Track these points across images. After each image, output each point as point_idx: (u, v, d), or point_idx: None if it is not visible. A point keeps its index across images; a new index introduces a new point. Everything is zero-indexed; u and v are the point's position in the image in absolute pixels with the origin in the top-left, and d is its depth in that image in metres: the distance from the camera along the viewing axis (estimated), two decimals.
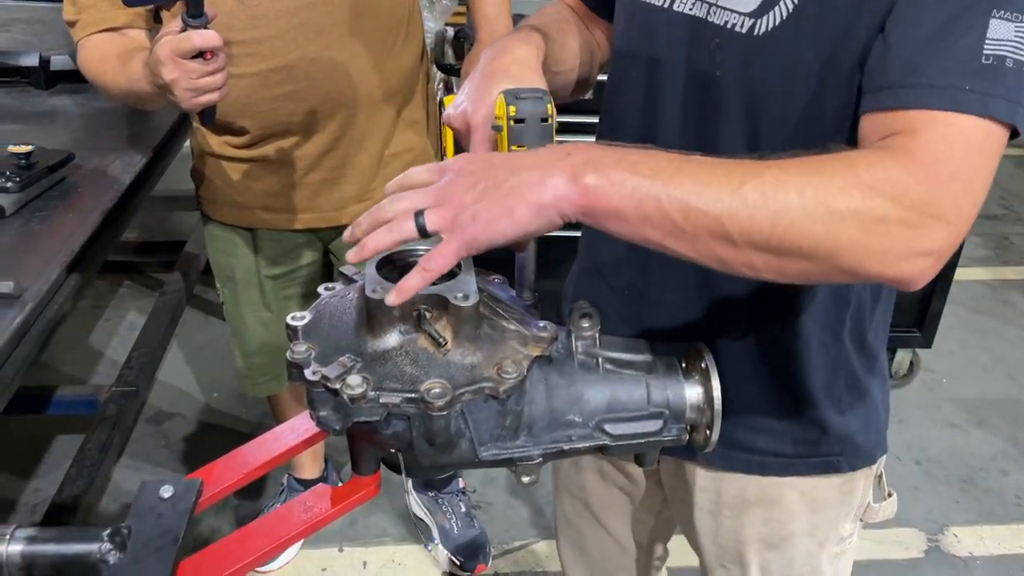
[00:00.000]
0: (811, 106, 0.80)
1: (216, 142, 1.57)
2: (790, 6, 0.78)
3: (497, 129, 0.79)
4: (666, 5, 0.88)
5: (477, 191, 0.69)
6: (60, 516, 1.57)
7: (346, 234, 0.74)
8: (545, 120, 0.77)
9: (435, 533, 2.06)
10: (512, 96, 0.78)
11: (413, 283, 0.69)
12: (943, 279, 2.48)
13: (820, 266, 0.67)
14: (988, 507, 2.28)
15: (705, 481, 1.02)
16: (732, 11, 0.82)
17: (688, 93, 0.87)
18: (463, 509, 2.08)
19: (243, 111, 1.48)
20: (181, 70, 1.18)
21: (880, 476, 1.04)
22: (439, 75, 2.32)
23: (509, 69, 0.83)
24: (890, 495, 1.05)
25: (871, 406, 0.99)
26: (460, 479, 2.14)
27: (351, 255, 0.72)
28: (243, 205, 1.62)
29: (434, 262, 0.69)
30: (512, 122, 0.77)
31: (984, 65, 0.68)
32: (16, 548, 0.69)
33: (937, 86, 0.68)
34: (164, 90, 1.22)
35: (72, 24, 1.46)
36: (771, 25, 0.79)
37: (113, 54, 1.39)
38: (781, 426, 0.96)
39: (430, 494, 2.10)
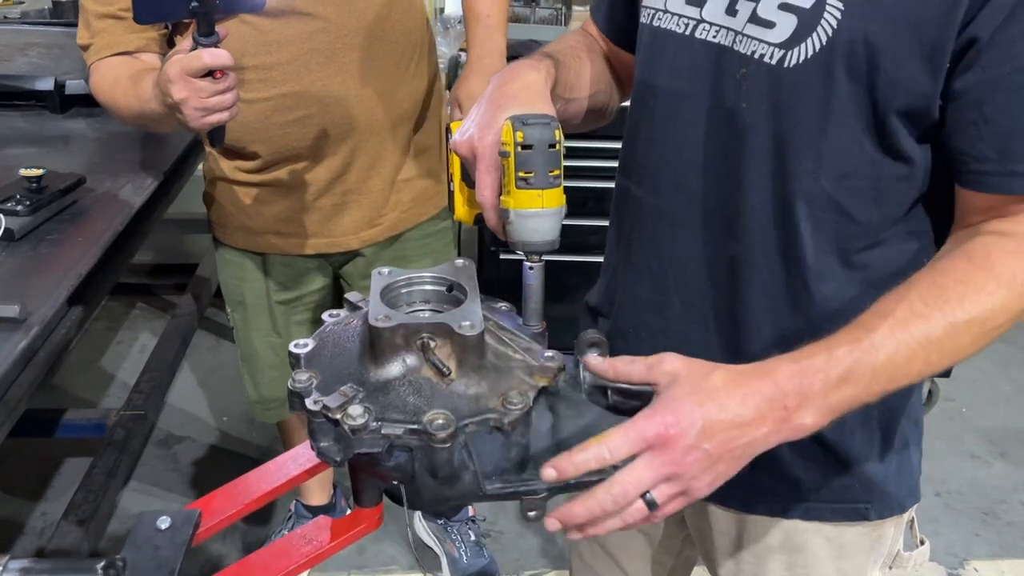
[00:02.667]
0: (842, 142, 0.78)
1: (228, 167, 1.56)
2: (824, 39, 0.75)
3: (504, 155, 0.77)
4: (687, 32, 0.85)
5: (715, 471, 0.70)
6: (66, 540, 1.56)
7: (553, 525, 0.72)
8: (553, 146, 0.76)
9: (444, 562, 2.04)
10: (519, 122, 0.76)
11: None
12: None
13: None
14: (1010, 540, 2.23)
15: (726, 525, 0.99)
16: (760, 40, 0.79)
17: (711, 125, 0.85)
18: (472, 537, 2.05)
19: (255, 136, 1.47)
20: (190, 88, 1.16)
21: (912, 522, 1.00)
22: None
23: (517, 95, 0.82)
24: (922, 542, 1.01)
25: (906, 454, 0.95)
26: (470, 507, 2.11)
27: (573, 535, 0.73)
28: (254, 230, 1.61)
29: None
30: (519, 148, 0.76)
31: None
32: None
33: None
34: (173, 109, 1.20)
35: (85, 48, 1.46)
36: (803, 57, 0.77)
37: (124, 76, 1.39)
38: (809, 475, 0.92)
39: (439, 522, 2.07)
